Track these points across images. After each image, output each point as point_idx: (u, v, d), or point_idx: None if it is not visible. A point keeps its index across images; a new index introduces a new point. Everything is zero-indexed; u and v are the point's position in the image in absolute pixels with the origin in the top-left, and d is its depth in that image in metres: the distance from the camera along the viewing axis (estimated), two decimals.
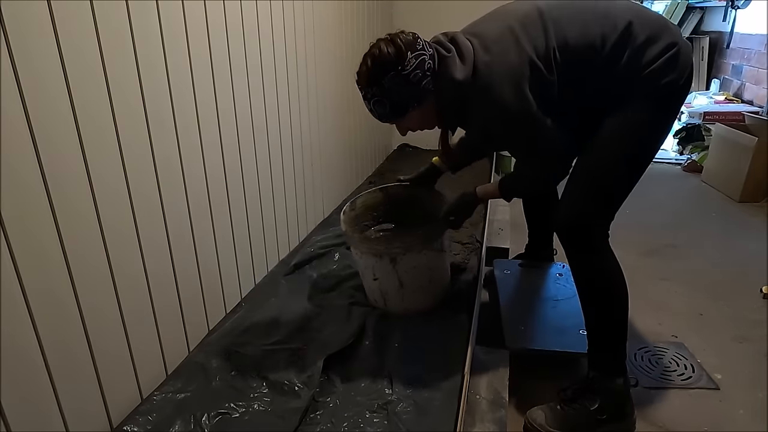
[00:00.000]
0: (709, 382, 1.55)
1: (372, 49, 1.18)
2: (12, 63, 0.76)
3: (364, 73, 1.19)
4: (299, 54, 1.76)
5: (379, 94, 1.18)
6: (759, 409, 1.45)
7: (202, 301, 1.31)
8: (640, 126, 1.18)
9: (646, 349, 1.70)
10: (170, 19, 1.09)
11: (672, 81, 1.14)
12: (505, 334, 1.60)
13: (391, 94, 1.18)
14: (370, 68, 1.17)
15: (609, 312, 1.27)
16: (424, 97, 1.19)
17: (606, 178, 1.22)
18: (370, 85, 1.18)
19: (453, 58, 1.17)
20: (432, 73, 1.18)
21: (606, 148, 1.20)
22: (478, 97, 1.17)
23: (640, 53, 1.13)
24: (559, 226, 1.26)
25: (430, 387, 1.15)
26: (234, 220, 1.43)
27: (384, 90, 1.17)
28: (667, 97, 1.17)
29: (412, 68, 1.15)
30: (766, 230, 2.63)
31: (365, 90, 1.20)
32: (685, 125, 3.83)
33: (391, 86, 1.16)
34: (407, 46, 1.15)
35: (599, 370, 1.29)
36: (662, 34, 1.14)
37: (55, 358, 0.87)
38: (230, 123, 1.37)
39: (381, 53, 1.16)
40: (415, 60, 1.15)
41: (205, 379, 1.16)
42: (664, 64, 1.13)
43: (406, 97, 1.18)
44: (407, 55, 1.14)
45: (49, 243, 0.86)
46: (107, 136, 0.96)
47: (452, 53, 1.18)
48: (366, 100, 1.22)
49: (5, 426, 0.80)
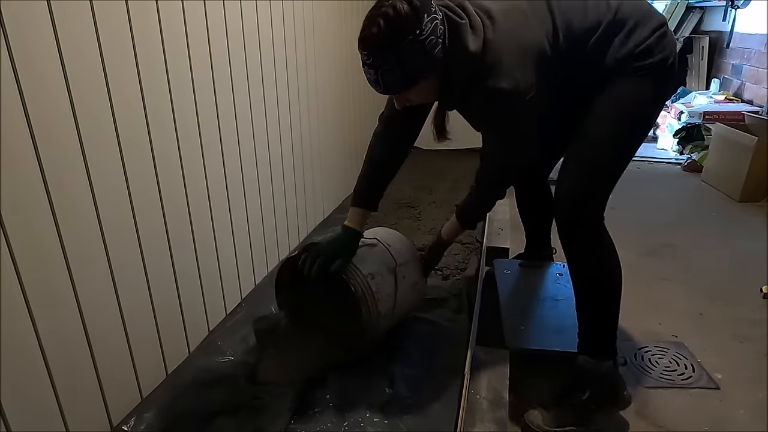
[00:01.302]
0: (710, 382, 1.55)
1: (383, 9, 1.01)
2: (12, 63, 0.76)
3: (374, 36, 1.01)
4: (299, 54, 1.76)
5: (392, 61, 1.03)
6: (759, 409, 1.45)
7: (202, 301, 1.31)
8: (634, 102, 1.18)
9: (646, 349, 1.70)
10: (170, 19, 1.09)
11: (663, 59, 1.15)
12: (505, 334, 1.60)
13: (407, 62, 1.03)
14: (383, 30, 1.00)
15: (603, 293, 1.28)
16: (435, 66, 1.06)
17: (604, 156, 1.22)
18: (383, 51, 1.02)
19: (466, 26, 1.07)
20: (443, 41, 1.05)
21: (602, 126, 1.19)
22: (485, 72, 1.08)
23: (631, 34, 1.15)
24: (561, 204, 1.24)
25: (431, 387, 1.15)
26: (234, 220, 1.43)
27: (399, 57, 1.02)
28: (657, 74, 1.17)
29: (428, 32, 1.01)
30: (766, 230, 2.63)
31: (375, 56, 1.03)
32: (685, 125, 3.82)
33: (408, 52, 1.01)
34: (422, 6, 1.01)
35: (589, 353, 1.30)
36: (650, 17, 1.16)
37: (55, 358, 0.88)
38: (230, 123, 1.37)
39: (397, 13, 0.99)
40: (430, 24, 1.02)
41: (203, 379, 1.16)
42: (654, 43, 1.14)
43: (419, 66, 1.04)
44: (424, 18, 1.00)
45: (49, 243, 0.86)
46: (107, 136, 0.96)
47: (465, 21, 1.07)
48: (371, 68, 1.05)
49: (5, 426, 0.80)
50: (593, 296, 1.29)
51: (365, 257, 1.24)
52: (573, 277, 1.30)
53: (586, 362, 1.30)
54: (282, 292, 1.34)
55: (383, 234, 1.37)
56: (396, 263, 1.29)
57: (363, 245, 1.28)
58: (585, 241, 1.26)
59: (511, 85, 1.07)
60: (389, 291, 1.24)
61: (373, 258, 1.25)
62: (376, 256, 1.26)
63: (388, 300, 1.23)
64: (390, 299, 1.24)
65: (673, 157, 3.86)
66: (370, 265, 1.22)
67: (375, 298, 1.18)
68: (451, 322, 1.40)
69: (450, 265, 1.68)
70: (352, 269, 1.18)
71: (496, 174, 1.27)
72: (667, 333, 1.79)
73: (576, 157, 1.24)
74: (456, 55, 1.07)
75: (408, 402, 1.11)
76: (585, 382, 1.29)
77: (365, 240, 1.31)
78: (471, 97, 1.14)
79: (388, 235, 1.36)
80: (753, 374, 1.59)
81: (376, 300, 1.18)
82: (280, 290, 1.34)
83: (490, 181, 1.28)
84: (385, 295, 1.22)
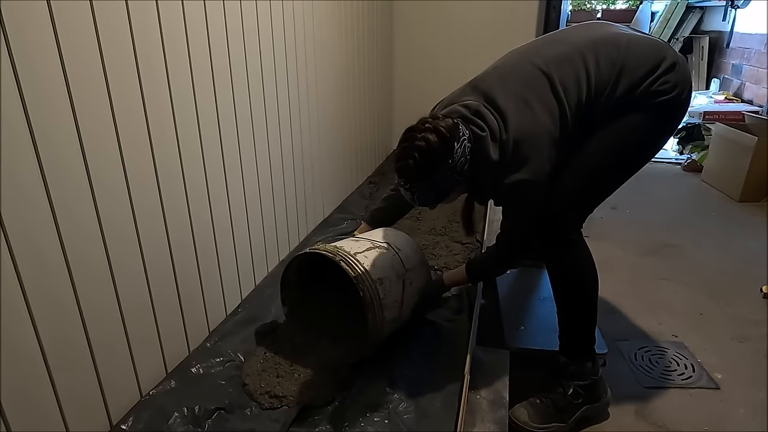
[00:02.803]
0: (710, 382, 1.55)
1: (416, 142, 1.09)
2: (12, 63, 0.76)
3: (411, 168, 1.09)
4: (299, 54, 1.76)
5: (427, 187, 1.12)
6: (759, 408, 1.45)
7: (202, 301, 1.31)
8: (633, 130, 1.20)
9: (646, 349, 1.70)
10: (170, 19, 1.09)
11: (672, 98, 1.17)
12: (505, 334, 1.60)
13: (439, 186, 1.12)
14: (419, 163, 1.08)
15: (581, 300, 1.31)
16: (464, 180, 1.16)
17: (595, 178, 1.25)
18: (419, 181, 1.11)
19: (487, 138, 1.13)
20: (471, 156, 1.13)
21: (597, 150, 1.22)
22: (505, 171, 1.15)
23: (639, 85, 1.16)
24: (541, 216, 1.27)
25: (431, 387, 1.15)
26: (234, 221, 1.43)
27: (434, 184, 1.11)
28: (666, 111, 1.20)
29: (458, 157, 1.10)
30: (766, 230, 2.63)
31: (411, 185, 1.12)
32: (685, 125, 3.83)
33: (440, 179, 1.10)
34: (452, 136, 1.08)
35: (569, 356, 1.33)
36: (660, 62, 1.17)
37: (54, 358, 0.88)
38: (230, 123, 1.37)
39: (429, 146, 1.07)
40: (460, 148, 1.10)
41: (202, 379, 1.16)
42: (662, 84, 1.16)
43: (452, 184, 1.13)
44: (454, 146, 1.08)
45: (49, 243, 0.86)
46: (107, 136, 0.96)
47: (486, 133, 1.14)
48: (408, 192, 1.14)
49: (5, 425, 0.80)
50: (567, 301, 1.33)
51: (375, 261, 1.23)
52: (551, 281, 1.34)
53: (567, 363, 1.33)
54: (287, 288, 1.34)
55: (393, 237, 1.36)
56: (405, 269, 1.28)
57: (373, 248, 1.27)
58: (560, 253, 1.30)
59: (529, 176, 1.14)
60: (396, 297, 1.22)
61: (383, 263, 1.24)
62: (385, 261, 1.25)
63: (394, 306, 1.22)
64: (396, 306, 1.23)
65: (673, 156, 3.86)
66: (380, 270, 1.21)
67: (382, 304, 1.17)
68: (451, 322, 1.40)
69: (450, 265, 1.68)
70: (363, 273, 1.17)
71: (513, 245, 1.31)
72: (667, 333, 1.79)
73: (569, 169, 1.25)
74: (480, 164, 1.15)
75: (408, 402, 1.11)
76: (569, 378, 1.33)
77: (376, 242, 1.31)
78: (494, 195, 1.25)
79: (397, 239, 1.35)
80: (753, 374, 1.59)
81: (382, 306, 1.17)
82: (285, 286, 1.34)
83: (508, 250, 1.32)
84: (392, 301, 1.21)
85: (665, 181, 3.45)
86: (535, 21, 2.77)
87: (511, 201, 1.23)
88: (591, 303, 1.32)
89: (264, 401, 1.10)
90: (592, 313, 1.32)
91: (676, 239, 2.52)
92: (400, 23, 3.00)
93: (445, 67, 3.00)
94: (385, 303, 1.18)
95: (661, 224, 2.69)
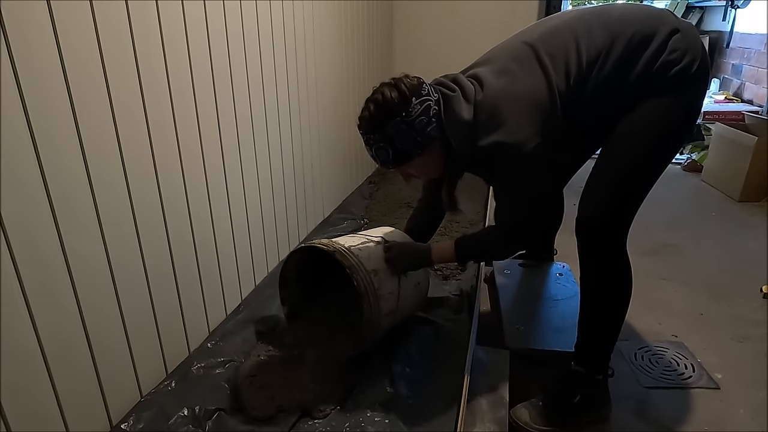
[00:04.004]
0: (710, 382, 1.55)
1: (374, 95, 1.13)
2: (12, 63, 0.76)
3: (366, 119, 1.13)
4: (299, 54, 1.76)
5: (381, 140, 1.13)
6: (759, 408, 1.45)
7: (202, 301, 1.31)
8: (662, 122, 1.15)
9: (646, 349, 1.70)
10: (170, 19, 1.09)
11: (683, 69, 1.11)
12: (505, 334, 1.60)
13: (395, 141, 1.12)
14: (372, 114, 1.12)
15: (610, 314, 1.28)
16: (429, 144, 1.14)
17: (632, 174, 1.19)
18: (373, 132, 1.13)
19: (458, 97, 1.13)
20: (437, 119, 1.13)
21: (630, 144, 1.17)
22: (480, 132, 1.11)
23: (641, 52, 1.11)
24: (584, 223, 1.23)
25: (431, 386, 1.15)
26: (234, 221, 1.43)
27: (387, 137, 1.12)
28: (682, 87, 1.13)
29: (416, 114, 1.10)
30: (766, 230, 2.63)
31: (367, 136, 1.15)
32: None
33: (394, 133, 1.11)
34: (411, 91, 1.11)
35: (585, 367, 1.31)
36: (659, 27, 1.12)
37: (55, 358, 0.88)
38: (230, 123, 1.37)
39: (384, 98, 1.11)
40: (419, 106, 1.10)
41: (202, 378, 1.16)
42: (669, 54, 1.10)
43: (411, 144, 1.12)
44: (412, 101, 1.10)
45: (49, 243, 0.86)
46: (107, 137, 0.96)
47: (457, 93, 1.13)
48: (368, 146, 1.17)
49: (5, 425, 0.80)
50: (598, 315, 1.29)
51: (370, 254, 1.23)
52: (582, 291, 1.29)
53: (579, 372, 1.32)
54: (286, 287, 1.34)
55: (389, 233, 1.37)
56: None
57: (368, 242, 1.28)
58: (602, 264, 1.25)
59: (506, 137, 1.08)
60: (392, 289, 1.23)
61: (378, 255, 1.25)
62: (380, 254, 1.25)
63: (390, 298, 1.22)
64: (392, 298, 1.23)
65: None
66: (375, 263, 1.22)
67: (377, 295, 1.18)
68: (451, 322, 1.40)
69: (450, 265, 1.68)
70: (357, 264, 1.18)
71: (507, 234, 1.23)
72: (667, 333, 1.79)
73: (601, 177, 1.21)
74: (451, 127, 1.13)
75: (408, 402, 1.11)
76: (575, 389, 1.31)
77: (371, 237, 1.31)
78: (476, 164, 1.18)
79: (393, 235, 1.36)
80: (753, 374, 1.59)
81: (378, 297, 1.18)
82: (284, 285, 1.34)
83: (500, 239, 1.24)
84: (387, 293, 1.21)
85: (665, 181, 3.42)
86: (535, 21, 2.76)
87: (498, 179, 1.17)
88: (618, 319, 1.28)
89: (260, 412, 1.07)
90: (617, 328, 1.29)
91: (676, 239, 2.52)
92: (400, 23, 3.00)
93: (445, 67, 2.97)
94: (380, 294, 1.18)
95: (661, 224, 2.69)
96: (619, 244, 1.24)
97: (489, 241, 1.27)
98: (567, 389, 1.33)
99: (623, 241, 1.24)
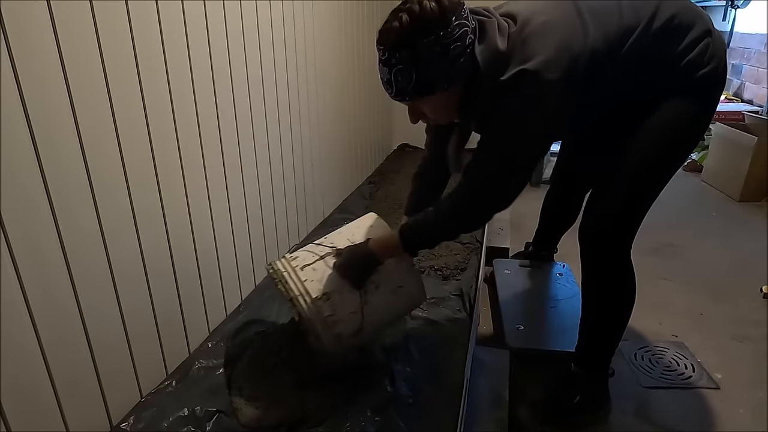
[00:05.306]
0: (710, 382, 1.55)
1: (409, 4, 0.95)
2: (12, 63, 0.76)
3: (395, 30, 0.94)
4: (299, 54, 1.76)
5: (408, 60, 0.94)
6: (759, 409, 1.45)
7: (202, 301, 1.31)
8: (680, 126, 1.12)
9: (646, 349, 1.70)
10: (170, 19, 1.09)
11: (708, 72, 1.08)
12: (505, 334, 1.60)
13: (423, 65, 0.94)
14: (405, 25, 0.93)
15: (612, 321, 1.28)
16: (458, 77, 0.98)
17: (643, 181, 1.17)
18: (400, 47, 0.94)
19: (493, 23, 0.99)
20: (471, 51, 0.97)
21: (646, 151, 1.14)
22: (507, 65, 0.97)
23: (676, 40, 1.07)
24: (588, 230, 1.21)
25: (431, 386, 1.15)
26: (234, 220, 1.43)
27: (417, 57, 0.94)
28: (704, 91, 1.11)
29: (454, 37, 0.93)
30: (766, 230, 2.63)
31: (391, 52, 0.96)
32: None
33: (426, 53, 0.93)
34: (452, 10, 0.94)
35: (585, 369, 1.32)
36: (696, 21, 1.08)
37: (55, 358, 0.87)
38: (230, 123, 1.37)
39: (423, 10, 0.92)
40: (458, 29, 0.93)
41: None
42: (698, 55, 1.07)
43: (439, 73, 0.96)
44: (452, 21, 0.93)
45: (49, 243, 0.86)
46: (107, 136, 0.96)
47: (493, 20, 1.00)
48: (386, 66, 0.98)
49: (5, 425, 0.80)
50: (600, 322, 1.29)
51: (324, 274, 1.10)
52: (584, 296, 1.29)
53: (579, 373, 1.32)
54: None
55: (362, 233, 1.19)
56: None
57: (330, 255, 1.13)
58: (606, 272, 1.24)
59: (535, 65, 0.95)
60: (354, 308, 1.10)
61: (333, 273, 1.11)
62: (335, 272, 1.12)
63: (353, 318, 1.10)
64: (356, 317, 1.10)
65: None
66: (329, 283, 1.09)
67: (329, 322, 1.06)
68: (451, 322, 1.40)
69: (450, 265, 1.68)
70: (301, 293, 1.07)
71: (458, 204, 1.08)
72: (667, 333, 1.79)
73: (611, 185, 1.19)
74: (485, 55, 0.98)
75: (408, 401, 1.11)
76: (575, 390, 1.32)
77: (324, 248, 1.15)
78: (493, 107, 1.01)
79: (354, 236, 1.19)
80: (753, 374, 1.59)
81: (330, 324, 1.07)
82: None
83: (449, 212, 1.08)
84: (348, 313, 1.09)
85: None
86: None
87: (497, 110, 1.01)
88: (620, 326, 1.28)
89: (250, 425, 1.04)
90: (619, 334, 1.28)
91: (676, 239, 2.52)
92: None
93: None
94: (334, 319, 1.07)
95: (661, 224, 2.69)
96: (624, 253, 1.22)
97: (437, 220, 1.09)
98: (567, 390, 1.34)
99: (627, 250, 1.23)
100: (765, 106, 3.48)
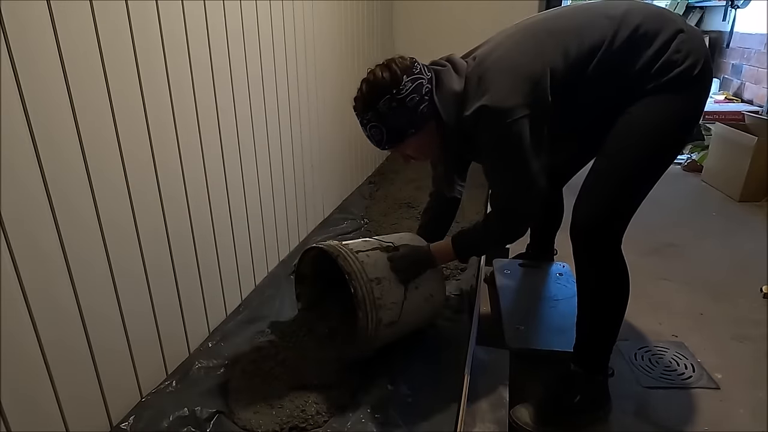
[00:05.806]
0: (710, 382, 1.55)
1: (367, 75, 1.17)
2: (12, 63, 0.76)
3: (359, 99, 1.16)
4: (299, 54, 1.76)
5: (374, 119, 1.14)
6: (759, 409, 1.45)
7: (202, 301, 1.31)
8: (660, 123, 1.14)
9: (646, 349, 1.70)
10: (170, 19, 1.09)
11: (684, 71, 1.10)
12: (505, 334, 1.60)
13: (387, 120, 1.13)
14: (365, 93, 1.15)
15: (608, 316, 1.28)
16: (422, 122, 1.15)
17: (630, 178, 1.19)
18: (366, 111, 1.15)
19: (449, 70, 1.16)
20: (430, 98, 1.14)
21: (626, 147, 1.16)
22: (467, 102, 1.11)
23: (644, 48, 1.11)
24: (579, 227, 1.22)
25: (431, 386, 1.15)
26: (234, 220, 1.43)
27: (379, 115, 1.13)
28: (683, 89, 1.13)
29: (407, 92, 1.11)
30: (766, 230, 2.63)
31: (361, 116, 1.17)
32: None
33: (386, 111, 1.12)
34: (403, 71, 1.13)
35: (583, 367, 1.32)
36: (664, 25, 1.12)
37: (55, 358, 0.87)
38: (230, 123, 1.37)
39: (375, 78, 1.14)
40: (411, 84, 1.12)
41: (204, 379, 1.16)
42: (673, 53, 1.10)
43: (403, 122, 1.14)
44: (402, 79, 1.12)
45: (49, 243, 0.86)
46: (107, 136, 0.96)
47: (447, 67, 1.17)
48: (363, 126, 1.19)
49: (5, 426, 0.80)
50: (596, 317, 1.30)
51: (377, 261, 1.20)
52: (579, 293, 1.30)
53: (578, 372, 1.32)
54: (301, 284, 1.35)
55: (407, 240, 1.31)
56: None
57: (379, 248, 1.24)
58: (598, 267, 1.25)
59: (491, 101, 1.07)
60: (395, 299, 1.19)
61: (385, 263, 1.21)
62: (387, 262, 1.22)
63: (393, 308, 1.18)
64: (395, 308, 1.18)
65: None
66: (381, 270, 1.18)
67: (377, 304, 1.14)
68: (451, 322, 1.40)
69: (450, 265, 1.68)
70: (358, 271, 1.15)
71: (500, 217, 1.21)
72: (667, 333, 1.79)
73: (596, 181, 1.21)
74: (441, 99, 1.14)
75: (409, 401, 1.11)
76: (574, 390, 1.32)
77: (384, 242, 1.27)
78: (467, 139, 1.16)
79: (404, 239, 1.31)
80: (753, 374, 1.59)
81: (377, 306, 1.14)
82: (300, 281, 1.35)
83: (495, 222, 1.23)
84: (390, 303, 1.17)
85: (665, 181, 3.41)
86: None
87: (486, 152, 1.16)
88: (616, 321, 1.29)
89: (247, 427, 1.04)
90: (616, 330, 1.29)
91: (677, 239, 2.52)
92: (400, 23, 3.00)
93: None
94: (380, 303, 1.15)
95: (662, 224, 2.69)
96: (615, 248, 1.24)
97: (483, 230, 1.24)
98: (567, 390, 1.34)
99: (618, 244, 1.24)
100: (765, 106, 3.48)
